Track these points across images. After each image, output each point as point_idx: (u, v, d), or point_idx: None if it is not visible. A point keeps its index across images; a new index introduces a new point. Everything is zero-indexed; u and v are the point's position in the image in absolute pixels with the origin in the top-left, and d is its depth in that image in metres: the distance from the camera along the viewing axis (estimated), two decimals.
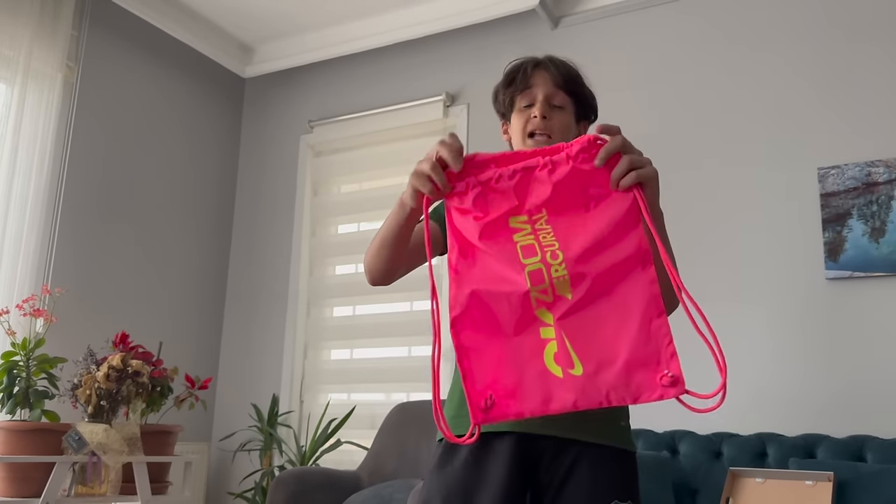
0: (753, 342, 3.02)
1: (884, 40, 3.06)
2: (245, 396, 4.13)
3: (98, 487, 2.69)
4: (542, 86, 1.54)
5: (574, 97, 1.57)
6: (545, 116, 1.52)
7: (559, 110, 1.55)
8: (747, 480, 2.54)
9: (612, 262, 1.11)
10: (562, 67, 1.58)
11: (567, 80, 1.57)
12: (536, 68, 1.56)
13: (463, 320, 1.14)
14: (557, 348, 1.09)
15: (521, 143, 1.56)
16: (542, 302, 1.11)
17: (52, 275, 3.39)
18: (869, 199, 2.91)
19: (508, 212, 1.16)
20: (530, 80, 1.55)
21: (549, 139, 1.51)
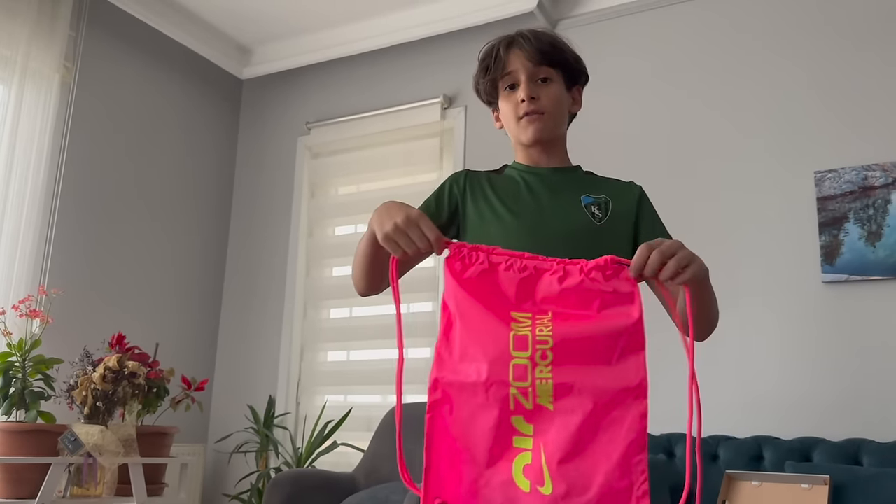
0: (750, 345, 3.02)
1: (881, 44, 3.06)
2: (241, 398, 4.13)
3: (94, 489, 2.69)
4: (520, 66, 1.45)
5: (559, 65, 1.48)
6: (533, 97, 1.44)
7: (546, 84, 1.46)
8: (743, 483, 2.54)
9: (606, 383, 1.07)
10: (536, 40, 1.46)
11: (545, 52, 1.46)
12: (510, 48, 1.46)
13: (439, 407, 1.12)
14: (531, 461, 1.06)
15: (514, 128, 1.48)
16: (521, 407, 1.07)
17: (48, 276, 3.39)
18: (865, 203, 2.92)
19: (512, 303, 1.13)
20: (507, 62, 1.46)
21: (542, 117, 1.45)
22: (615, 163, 3.46)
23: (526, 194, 1.44)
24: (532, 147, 1.49)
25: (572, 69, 1.51)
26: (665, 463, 2.78)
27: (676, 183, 3.30)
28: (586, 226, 1.39)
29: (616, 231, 1.41)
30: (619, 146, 3.45)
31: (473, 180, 1.49)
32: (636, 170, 3.36)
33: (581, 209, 1.41)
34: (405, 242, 1.17)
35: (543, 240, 1.34)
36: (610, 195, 1.45)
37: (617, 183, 1.51)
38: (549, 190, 1.45)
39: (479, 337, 1.11)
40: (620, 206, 1.44)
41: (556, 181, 1.47)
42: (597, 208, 1.42)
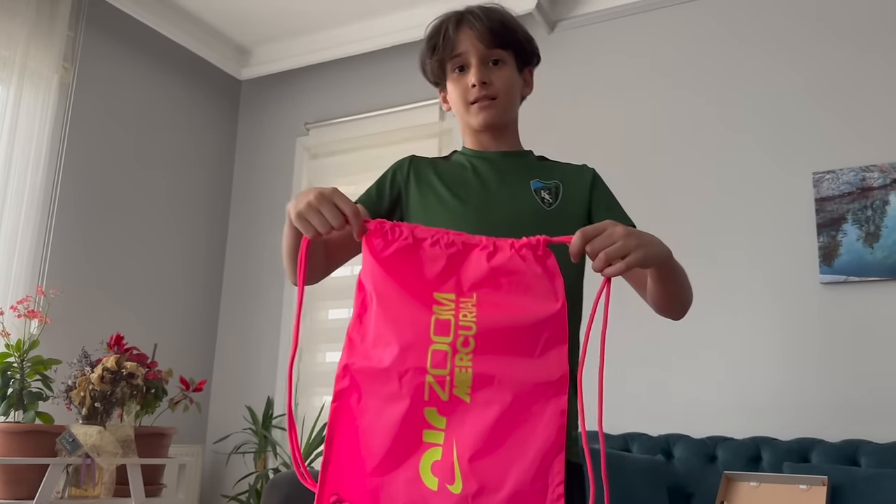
0: (748, 346, 3.02)
1: (879, 45, 3.07)
2: (239, 399, 4.13)
3: (92, 489, 2.68)
4: (471, 47, 1.37)
5: (511, 47, 1.40)
6: (484, 81, 1.36)
7: (498, 67, 1.38)
8: (742, 484, 2.55)
9: (527, 376, 1.00)
10: (487, 18, 1.38)
11: (497, 32, 1.37)
12: (460, 26, 1.38)
13: (346, 396, 1.04)
14: (441, 457, 0.98)
15: (464, 113, 1.40)
16: (436, 397, 1.00)
17: (46, 276, 3.38)
18: (864, 204, 2.92)
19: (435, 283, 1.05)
20: (456, 42, 1.38)
21: (494, 102, 1.37)
22: (613, 163, 3.46)
23: (473, 179, 1.38)
24: (482, 133, 1.42)
25: (525, 50, 1.43)
26: (663, 464, 2.78)
27: (674, 184, 3.30)
28: (536, 211, 1.33)
29: (567, 216, 1.34)
30: (616, 147, 3.45)
31: (418, 167, 1.43)
32: (634, 170, 3.37)
33: (530, 194, 1.35)
34: (318, 220, 1.08)
35: (490, 226, 1.20)
36: (561, 180, 1.39)
37: (569, 167, 1.45)
38: (497, 175, 1.38)
39: (397, 320, 1.03)
40: (572, 191, 1.38)
41: (506, 166, 1.40)
42: (547, 193, 1.36)
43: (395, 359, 1.01)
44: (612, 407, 3.17)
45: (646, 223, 3.55)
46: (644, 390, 3.13)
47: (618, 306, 1.59)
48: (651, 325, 3.18)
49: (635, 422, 3.09)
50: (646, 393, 3.13)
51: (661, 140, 3.39)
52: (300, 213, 1.10)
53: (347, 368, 1.04)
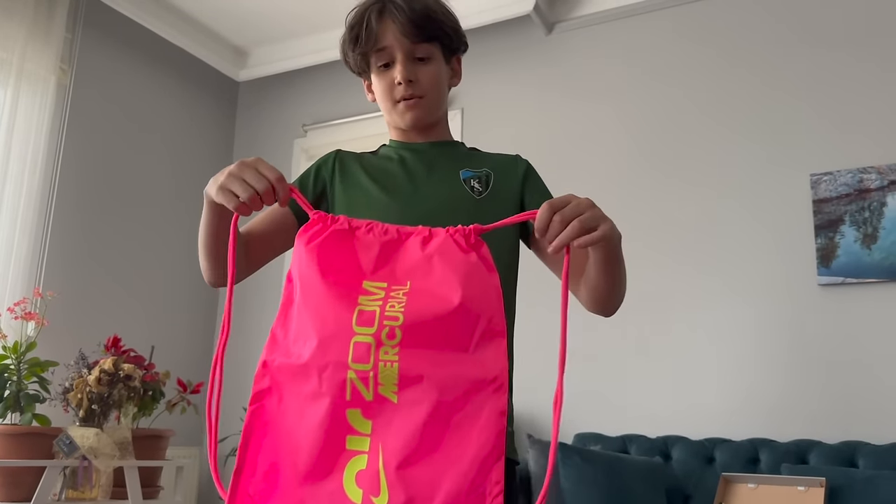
0: (746, 348, 3.02)
1: (876, 47, 3.07)
2: (237, 401, 4.11)
3: (89, 492, 2.68)
4: (395, 42, 1.28)
5: (438, 40, 1.33)
6: (410, 80, 1.30)
7: (424, 63, 1.31)
8: (740, 486, 2.55)
9: (460, 373, 0.90)
10: (410, 9, 1.28)
11: (422, 27, 1.29)
12: (382, 17, 1.29)
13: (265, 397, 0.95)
14: (366, 466, 0.89)
15: (391, 111, 1.35)
16: (359, 397, 0.90)
17: (43, 278, 3.38)
18: (861, 206, 2.92)
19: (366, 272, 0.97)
20: (379, 35, 1.29)
21: (421, 101, 1.32)
22: (609, 165, 3.47)
23: (399, 171, 1.33)
24: (409, 129, 1.37)
25: (451, 39, 1.36)
26: (661, 465, 2.78)
27: (672, 186, 3.30)
28: (464, 200, 1.28)
29: (498, 205, 1.28)
30: (613, 148, 3.46)
31: (344, 161, 1.39)
32: (631, 172, 3.37)
33: (459, 183, 1.30)
34: (241, 188, 1.00)
35: (417, 217, 1.13)
36: (492, 169, 1.34)
37: (501, 157, 1.39)
38: (425, 165, 1.34)
39: (319, 311, 0.94)
40: (504, 180, 1.33)
41: (434, 156, 1.36)
42: (476, 182, 1.31)
43: (313, 352, 0.91)
44: (610, 409, 3.17)
45: (643, 224, 3.56)
46: (642, 392, 3.13)
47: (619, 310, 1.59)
48: (648, 327, 3.18)
49: (633, 423, 3.09)
50: (644, 395, 3.13)
51: (659, 142, 3.39)
52: (222, 185, 1.02)
53: (267, 366, 0.95)
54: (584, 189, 3.83)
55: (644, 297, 3.21)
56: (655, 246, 3.25)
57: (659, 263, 3.23)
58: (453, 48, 1.38)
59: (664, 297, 3.19)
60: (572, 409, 3.23)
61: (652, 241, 3.26)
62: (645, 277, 3.24)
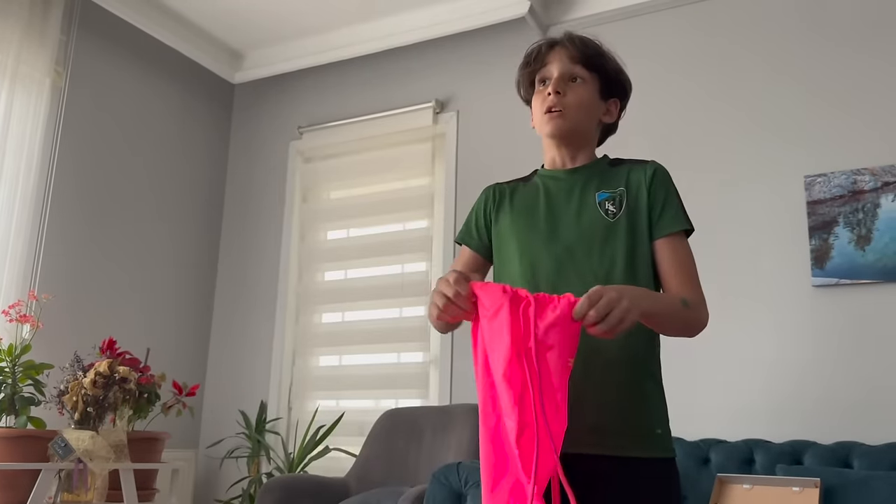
0: (740, 349, 3.03)
1: (870, 49, 3.09)
2: (233, 403, 4.12)
3: (84, 495, 2.67)
4: (557, 62, 1.46)
5: (596, 71, 1.48)
6: (559, 92, 1.44)
7: (576, 84, 1.46)
8: (735, 487, 2.55)
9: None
10: (580, 42, 1.48)
11: (585, 54, 1.46)
12: (553, 46, 1.49)
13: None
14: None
15: (540, 124, 1.48)
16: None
17: (38, 280, 3.37)
18: (855, 207, 2.93)
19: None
20: (546, 58, 1.48)
21: (562, 114, 1.44)
22: None
23: (542, 203, 1.46)
24: (553, 143, 1.49)
25: (610, 78, 1.50)
26: None
27: None
28: (598, 224, 1.39)
29: (630, 225, 1.40)
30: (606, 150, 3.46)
31: (499, 196, 1.54)
32: None
33: (595, 208, 1.41)
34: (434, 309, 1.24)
35: (557, 254, 1.37)
36: (626, 185, 1.44)
37: (634, 167, 1.50)
38: (566, 193, 1.45)
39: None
40: (634, 197, 1.43)
41: (574, 182, 1.47)
42: (611, 204, 1.42)
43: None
44: None
45: None
46: None
47: None
48: None
49: None
50: None
51: (652, 144, 3.40)
52: (439, 328, 1.36)
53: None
54: None
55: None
56: None
57: None
58: (610, 87, 1.51)
59: None
60: None
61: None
62: None
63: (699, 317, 1.37)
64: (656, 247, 1.41)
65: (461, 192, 3.76)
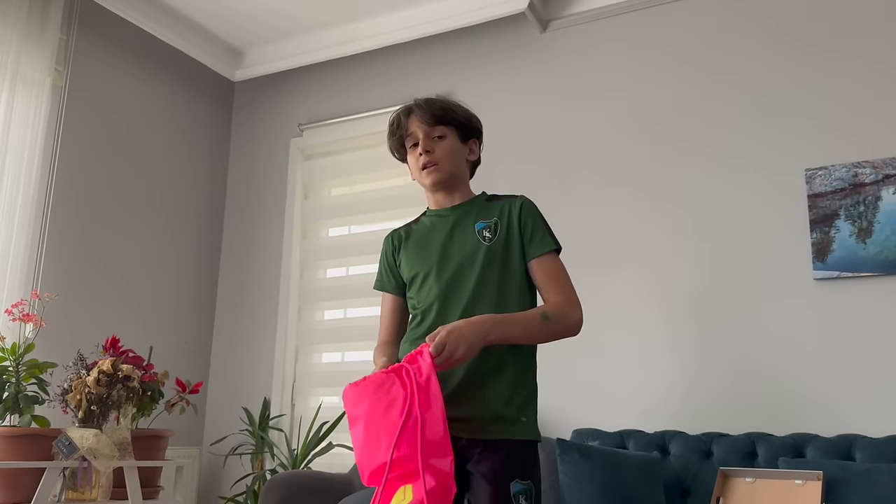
0: (742, 342, 3.03)
1: (870, 41, 3.08)
2: (236, 400, 4.13)
3: (89, 493, 2.68)
4: (418, 126, 1.77)
5: (451, 124, 1.78)
6: (428, 150, 1.75)
7: (440, 141, 1.77)
8: (737, 480, 2.56)
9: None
10: (430, 105, 1.79)
11: (437, 115, 1.77)
12: (410, 114, 1.79)
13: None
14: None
15: (419, 177, 1.80)
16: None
17: (41, 279, 3.38)
18: (856, 200, 2.93)
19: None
20: (408, 125, 1.79)
21: (437, 167, 1.75)
22: (605, 162, 3.48)
23: (429, 239, 1.78)
24: (435, 191, 1.81)
25: (464, 126, 1.81)
26: (659, 460, 2.80)
27: (667, 182, 3.31)
28: (478, 250, 1.70)
29: (505, 247, 1.71)
30: (608, 146, 3.46)
31: (398, 239, 1.85)
32: (626, 169, 3.38)
33: (474, 235, 1.72)
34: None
35: (450, 274, 1.70)
36: (499, 216, 1.74)
37: (506, 202, 1.78)
38: (450, 227, 1.76)
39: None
40: (506, 224, 1.73)
41: (456, 218, 1.77)
42: (487, 231, 1.72)
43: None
44: (609, 405, 3.18)
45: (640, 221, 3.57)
46: (639, 388, 3.15)
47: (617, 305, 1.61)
48: (647, 324, 3.19)
49: (631, 419, 3.10)
50: (641, 390, 3.14)
51: (653, 138, 3.40)
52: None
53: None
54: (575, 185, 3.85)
55: (640, 293, 3.22)
56: (650, 242, 3.26)
57: (654, 260, 3.24)
58: (467, 132, 1.83)
59: (659, 293, 3.20)
60: (570, 405, 3.24)
61: (647, 237, 3.27)
62: (640, 273, 3.25)
63: (567, 322, 1.65)
64: (532, 266, 1.70)
65: None
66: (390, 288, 1.85)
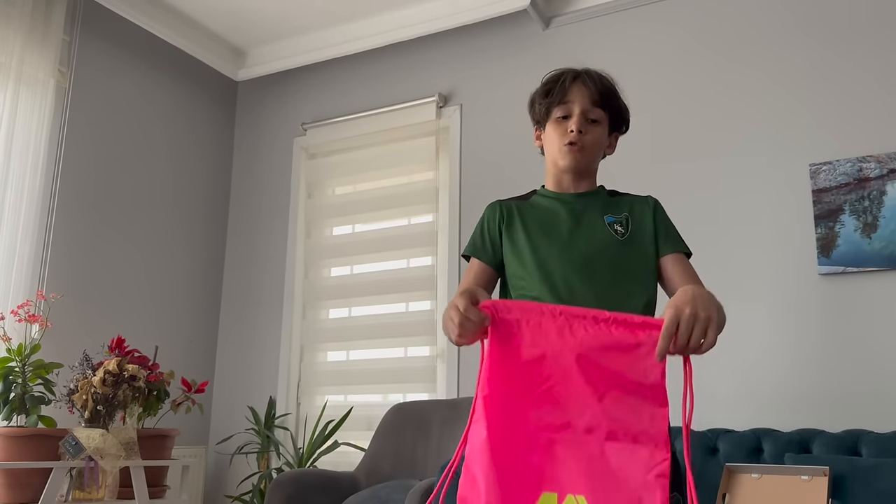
0: (747, 338, 3.03)
1: (874, 36, 3.07)
2: (242, 399, 4.13)
3: (95, 492, 2.69)
4: (579, 100, 1.62)
5: (609, 111, 1.65)
6: (581, 130, 1.60)
7: (594, 125, 1.63)
8: (743, 476, 2.55)
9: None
10: (599, 82, 1.64)
11: (604, 95, 1.63)
12: (575, 81, 1.63)
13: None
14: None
15: (556, 154, 1.64)
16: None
17: (46, 280, 3.39)
18: (861, 195, 2.92)
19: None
20: (568, 93, 1.62)
21: (582, 150, 1.61)
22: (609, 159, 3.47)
23: (553, 222, 1.62)
24: (564, 173, 1.66)
25: (618, 118, 1.69)
26: None
27: (671, 178, 3.31)
28: (611, 243, 1.58)
29: (637, 244, 1.60)
30: None
31: (507, 212, 1.67)
32: (630, 165, 3.38)
33: (605, 228, 1.60)
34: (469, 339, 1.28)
35: (574, 259, 1.55)
36: (629, 212, 1.64)
37: (635, 199, 1.69)
38: (574, 215, 1.62)
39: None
40: (639, 221, 1.63)
41: (581, 206, 1.64)
42: (619, 225, 1.61)
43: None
44: None
45: None
46: None
47: None
48: None
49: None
50: None
51: (658, 134, 3.39)
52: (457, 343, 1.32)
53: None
54: None
55: None
56: None
57: None
58: (616, 124, 1.70)
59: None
60: None
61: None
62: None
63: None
64: (663, 262, 1.61)
65: (466, 186, 3.76)
66: (485, 258, 1.66)
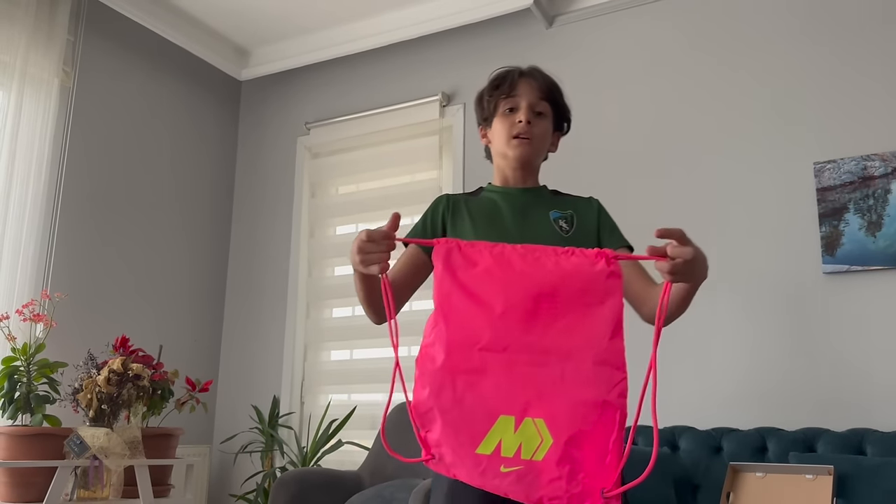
0: (752, 337, 3.02)
1: (879, 34, 3.06)
2: (246, 398, 4.14)
3: (100, 491, 2.70)
4: (526, 94, 1.65)
5: (554, 107, 1.69)
6: (529, 122, 1.63)
7: (541, 117, 1.66)
8: (748, 475, 2.55)
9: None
10: (545, 78, 1.69)
11: (550, 90, 1.68)
12: (522, 77, 1.67)
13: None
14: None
15: (504, 146, 1.65)
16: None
17: (51, 280, 3.40)
18: (865, 194, 2.92)
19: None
20: (516, 87, 1.66)
21: (529, 142, 1.63)
22: (611, 157, 3.47)
23: (499, 214, 1.63)
24: (512, 167, 1.68)
25: (561, 115, 1.73)
26: (669, 456, 2.79)
27: (676, 176, 3.30)
28: (556, 238, 1.57)
29: (582, 241, 1.58)
30: (615, 140, 3.45)
31: (453, 204, 1.67)
32: (633, 164, 3.37)
33: (550, 224, 1.61)
34: (376, 257, 1.30)
35: None
36: (574, 210, 1.65)
37: (578, 199, 1.71)
38: (520, 209, 1.64)
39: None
40: (584, 220, 1.64)
41: (527, 201, 1.66)
42: (564, 222, 1.62)
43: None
44: None
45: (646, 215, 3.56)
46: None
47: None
48: None
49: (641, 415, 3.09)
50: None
51: (661, 133, 3.39)
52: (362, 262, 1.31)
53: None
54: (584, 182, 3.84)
55: None
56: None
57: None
58: (559, 123, 1.73)
59: None
60: None
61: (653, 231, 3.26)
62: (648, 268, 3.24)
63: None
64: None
65: (469, 185, 3.76)
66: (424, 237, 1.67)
